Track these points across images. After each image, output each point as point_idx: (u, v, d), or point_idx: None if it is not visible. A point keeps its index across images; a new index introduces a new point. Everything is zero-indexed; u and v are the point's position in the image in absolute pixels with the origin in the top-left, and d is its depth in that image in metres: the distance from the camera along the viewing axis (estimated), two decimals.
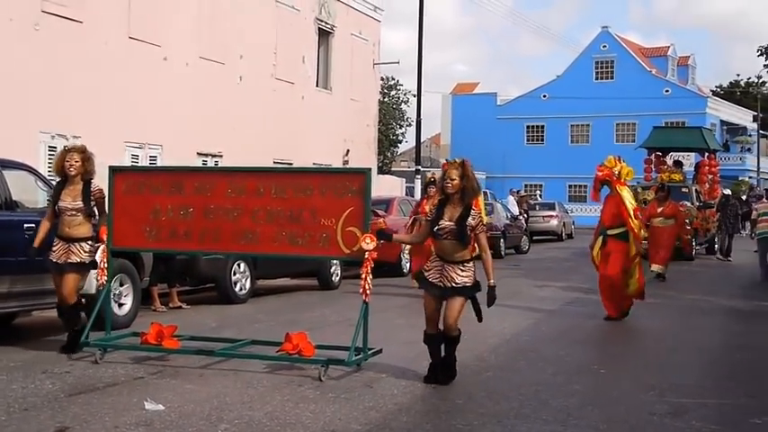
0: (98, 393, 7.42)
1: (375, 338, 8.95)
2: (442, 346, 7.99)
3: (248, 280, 14.28)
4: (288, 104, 25.44)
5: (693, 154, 32.17)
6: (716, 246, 26.61)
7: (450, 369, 8.04)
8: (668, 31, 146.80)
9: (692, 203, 24.92)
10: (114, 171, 9.28)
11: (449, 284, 7.71)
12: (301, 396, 7.34)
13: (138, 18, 19.72)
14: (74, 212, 9.02)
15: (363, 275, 8.26)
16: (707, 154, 29.21)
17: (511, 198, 35.34)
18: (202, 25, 21.82)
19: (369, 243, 8.15)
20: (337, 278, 16.56)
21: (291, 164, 25.65)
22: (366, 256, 8.21)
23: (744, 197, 37.25)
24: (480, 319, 8.06)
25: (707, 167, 28.69)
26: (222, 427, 6.40)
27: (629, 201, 12.32)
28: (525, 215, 31.65)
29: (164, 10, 20.56)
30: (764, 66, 20.43)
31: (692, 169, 30.23)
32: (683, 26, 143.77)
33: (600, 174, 12.37)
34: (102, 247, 9.03)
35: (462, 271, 7.70)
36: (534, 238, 30.11)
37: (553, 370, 8.85)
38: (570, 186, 56.82)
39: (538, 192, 53.00)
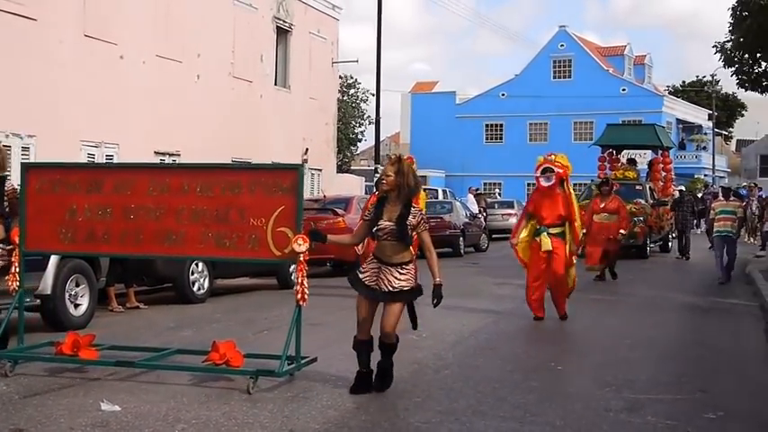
0: (53, 395, 7.34)
1: (321, 343, 8.90)
2: (376, 354, 7.55)
3: (206, 279, 14.21)
4: (246, 103, 25.35)
5: (648, 151, 32.19)
6: (670, 244, 26.59)
7: (387, 376, 7.60)
8: (625, 31, 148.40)
9: (647, 201, 24.76)
10: (27, 167, 8.71)
11: (386, 288, 7.26)
12: (260, 396, 7.30)
13: (94, 16, 19.53)
14: None
15: (299, 279, 7.75)
16: (660, 151, 29.25)
17: (470, 196, 35.48)
18: (159, 23, 21.66)
19: (301, 245, 7.63)
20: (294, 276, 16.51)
21: (250, 161, 25.58)
22: (300, 259, 7.68)
23: (699, 195, 37.73)
24: (415, 326, 7.81)
25: (660, 165, 28.71)
26: (179, 427, 6.36)
27: (575, 200, 12.34)
28: (484, 213, 31.79)
29: (120, 8, 20.39)
30: (720, 61, 20.64)
31: (646, 167, 30.32)
32: (639, 25, 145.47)
33: (561, 171, 12.06)
34: (15, 250, 8.35)
35: (401, 274, 7.26)
36: (493, 236, 30.25)
37: (511, 367, 8.91)
38: (529, 185, 57.06)
39: (497, 190, 53.26)
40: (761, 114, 70.31)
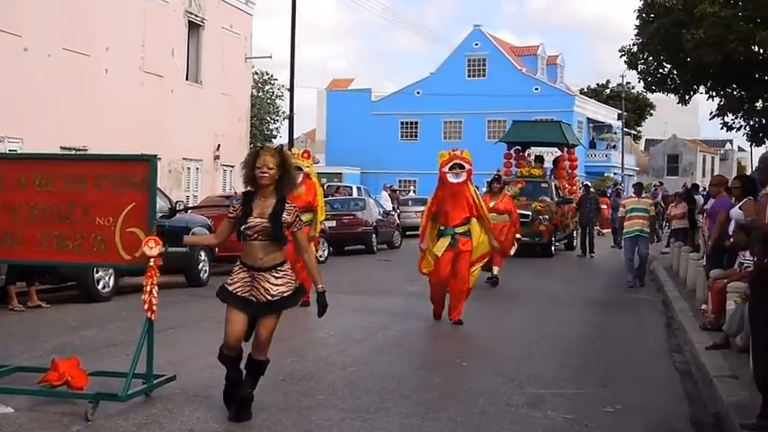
0: None
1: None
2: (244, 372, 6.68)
3: (112, 277, 13.92)
4: (156, 98, 24.95)
5: (554, 149, 32.35)
6: (575, 242, 26.55)
7: (247, 408, 6.57)
8: (540, 30, 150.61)
9: (552, 199, 24.64)
10: None
11: (263, 298, 6.35)
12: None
13: None
14: None
15: (147, 288, 6.83)
16: (566, 149, 29.30)
17: (384, 194, 35.59)
18: (65, 15, 21.16)
19: (152, 247, 6.74)
20: (206, 275, 16.34)
21: (160, 159, 25.20)
22: (150, 264, 6.79)
23: (608, 192, 38.39)
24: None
25: (566, 162, 28.85)
26: (74, 428, 6.23)
27: (480, 197, 11.98)
28: (398, 211, 31.91)
29: None
30: (625, 63, 21.11)
31: (552, 164, 30.07)
32: (554, 25, 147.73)
33: (469, 167, 11.48)
34: None
35: (277, 278, 6.37)
36: (407, 233, 30.38)
37: (417, 364, 8.97)
38: None
39: (412, 187, 53.49)
40: (669, 114, 72.16)
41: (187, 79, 27.05)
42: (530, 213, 22.69)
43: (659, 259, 22.67)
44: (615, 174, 60.07)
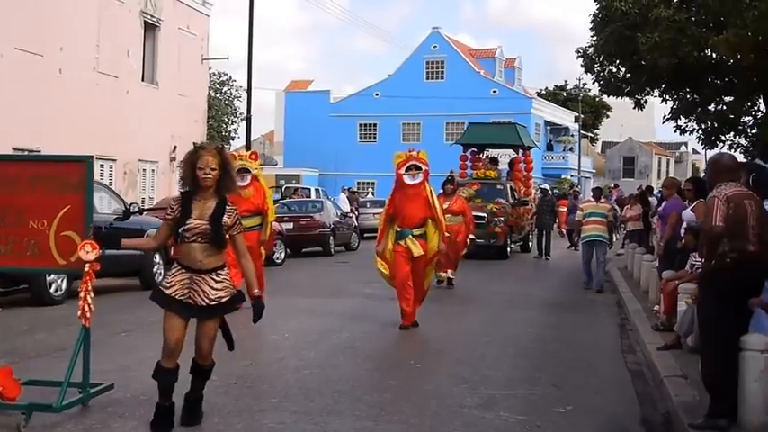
0: None
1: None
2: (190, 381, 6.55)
3: (65, 280, 13.75)
4: (112, 99, 24.72)
5: (510, 151, 32.20)
6: (530, 243, 26.57)
7: (198, 409, 6.54)
8: (498, 33, 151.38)
9: (507, 201, 24.52)
10: None
11: (203, 301, 6.17)
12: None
13: None
14: None
15: (82, 294, 6.60)
16: (522, 151, 29.22)
17: (342, 195, 35.58)
18: (18, 15, 20.90)
19: (88, 252, 6.48)
20: (160, 277, 16.20)
21: (115, 160, 25.03)
22: (86, 269, 6.55)
23: (564, 194, 38.61)
24: (231, 347, 6.77)
25: (521, 164, 28.76)
26: None
27: (436, 197, 11.73)
28: (356, 213, 31.89)
29: None
30: (581, 66, 21.32)
31: (507, 166, 30.00)
32: (512, 28, 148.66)
33: (426, 168, 11.38)
34: None
35: (217, 282, 6.19)
36: (365, 235, 30.36)
37: (370, 366, 8.97)
38: None
39: (370, 189, 53.51)
40: (625, 117, 72.83)
41: (143, 80, 26.85)
42: (485, 215, 22.61)
43: (614, 261, 22.85)
44: (572, 176, 60.54)
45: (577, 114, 64.49)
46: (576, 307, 14.45)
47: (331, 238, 25.35)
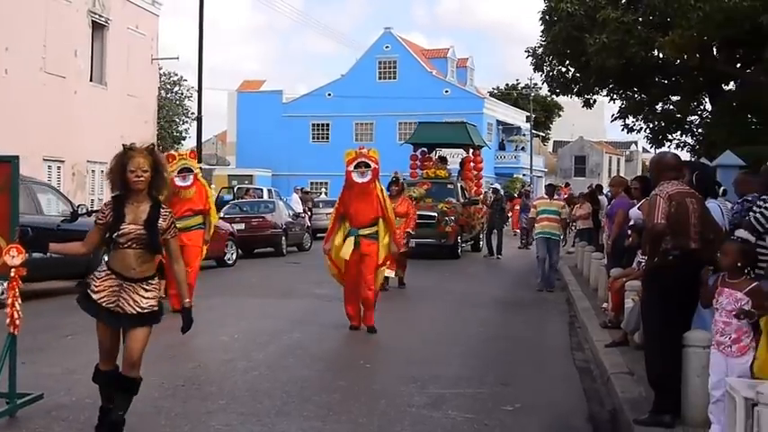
0: None
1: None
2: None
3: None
4: (59, 99, 24.39)
5: (460, 150, 31.47)
6: (481, 243, 26.36)
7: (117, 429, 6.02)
8: (451, 33, 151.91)
9: (458, 200, 24.38)
10: None
11: (132, 310, 5.87)
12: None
13: None
14: None
15: (9, 300, 6.39)
16: (472, 150, 29.08)
17: (295, 196, 35.42)
18: None
19: (15, 256, 6.23)
20: None
21: (63, 161, 24.72)
22: (12, 274, 6.28)
23: (516, 194, 38.94)
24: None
25: (472, 164, 28.65)
26: None
27: (386, 197, 11.52)
28: (309, 213, 31.79)
29: None
30: (531, 65, 21.55)
31: (458, 166, 29.76)
32: (465, 27, 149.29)
33: (375, 166, 11.03)
34: None
35: (147, 291, 5.91)
36: (318, 235, 30.25)
37: (320, 366, 8.94)
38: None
39: (323, 189, 53.42)
40: (576, 116, 73.45)
41: (91, 80, 26.53)
42: (435, 215, 22.56)
43: (565, 259, 23.04)
44: (524, 175, 60.98)
45: (529, 114, 64.96)
46: (526, 305, 14.56)
47: (283, 238, 25.25)
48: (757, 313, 5.25)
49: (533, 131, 66.39)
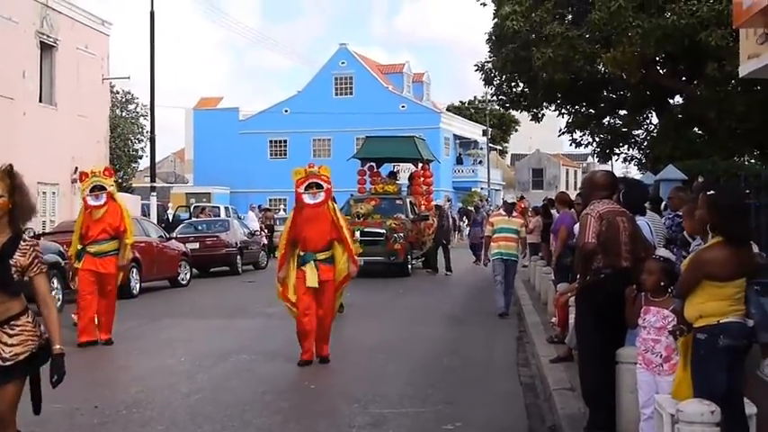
0: None
1: None
2: None
3: None
4: (8, 121, 24.13)
5: (410, 165, 30.52)
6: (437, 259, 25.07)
7: None
8: (409, 47, 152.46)
9: (407, 216, 23.77)
10: None
11: None
12: None
13: None
14: None
15: None
16: (421, 164, 27.99)
17: (251, 213, 35.31)
18: None
19: None
20: (58, 303, 15.87)
21: None
22: None
23: (473, 208, 38.94)
24: (37, 411, 5.15)
25: (421, 178, 27.68)
26: None
27: (342, 215, 10.77)
28: (266, 231, 31.68)
29: None
30: (481, 80, 21.79)
31: (407, 180, 28.87)
32: (422, 43, 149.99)
33: (329, 186, 10.35)
34: None
35: (11, 336, 4.85)
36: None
37: (264, 388, 8.90)
38: None
39: (282, 206, 53.29)
40: (533, 129, 73.79)
41: (41, 101, 26.30)
42: (384, 231, 22.09)
43: (519, 273, 23.09)
44: (482, 188, 61.30)
45: (485, 128, 65.36)
46: (475, 321, 14.52)
47: (238, 257, 25.16)
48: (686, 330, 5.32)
49: (490, 145, 66.88)
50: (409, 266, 23.30)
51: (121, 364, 10.46)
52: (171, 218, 34.99)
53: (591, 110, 21.35)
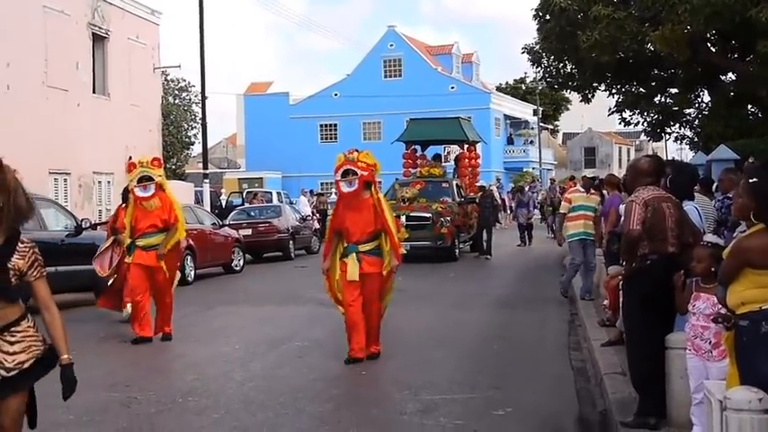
0: None
1: None
2: None
3: None
4: (63, 113, 24.56)
5: (456, 146, 30.52)
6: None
7: None
8: (459, 26, 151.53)
9: (453, 199, 23.37)
10: None
11: None
12: None
13: None
14: None
15: None
16: (467, 146, 27.88)
17: (302, 198, 35.62)
18: None
19: None
20: None
21: (69, 174, 24.94)
22: None
23: (527, 187, 38.67)
24: (33, 424, 4.69)
25: (467, 160, 27.52)
26: None
27: (389, 208, 10.14)
28: (318, 215, 31.92)
29: None
30: (528, 61, 21.57)
31: (453, 163, 28.42)
32: (472, 21, 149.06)
33: (366, 173, 9.70)
34: None
35: (12, 344, 4.48)
36: None
37: (315, 376, 9.01)
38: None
39: (333, 190, 53.47)
40: (585, 107, 72.95)
41: (94, 92, 26.69)
42: (430, 215, 21.81)
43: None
44: (533, 168, 60.93)
45: (536, 107, 64.80)
46: (527, 304, 14.49)
47: (290, 242, 25.44)
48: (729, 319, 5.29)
49: (541, 124, 66.33)
50: (457, 251, 22.87)
51: (178, 352, 10.65)
52: (224, 204, 35.39)
53: (641, 89, 21.10)
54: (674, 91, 20.91)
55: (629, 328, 6.93)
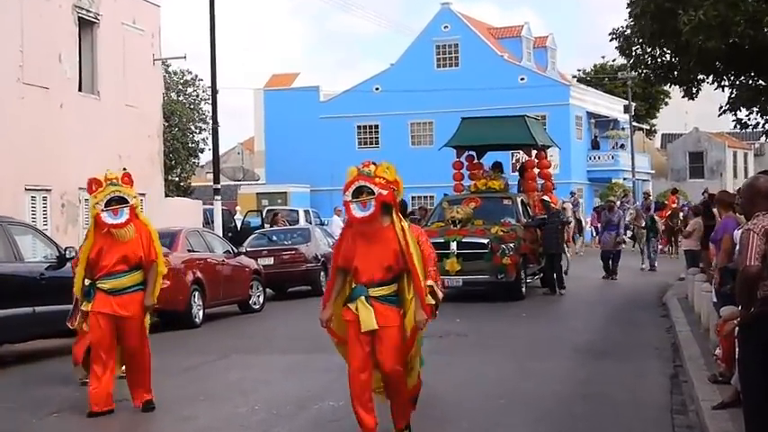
0: None
1: None
2: None
3: None
4: (42, 115, 24.82)
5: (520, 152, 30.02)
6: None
7: None
8: (527, 3, 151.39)
9: (518, 220, 22.96)
10: None
11: None
12: None
13: None
14: None
15: None
16: (535, 152, 26.92)
17: (336, 218, 35.67)
18: None
19: None
20: None
21: (50, 190, 25.17)
22: None
23: (618, 203, 38.25)
24: None
25: (536, 170, 26.72)
26: None
27: (413, 239, 9.02)
28: None
29: None
30: (616, 49, 21.37)
31: (517, 173, 27.82)
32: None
33: (385, 192, 8.77)
34: None
35: None
36: None
37: None
38: (414, 198, 57.66)
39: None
40: (688, 103, 72.39)
41: (80, 90, 26.93)
42: (488, 242, 21.37)
43: (674, 287, 22.78)
44: (625, 179, 60.41)
45: (627, 103, 64.15)
46: (616, 352, 14.49)
47: (321, 273, 25.27)
48: None
49: (635, 124, 65.82)
50: (523, 286, 22.23)
51: (184, 414, 10.72)
52: (239, 226, 35.59)
53: (760, 81, 20.85)
54: None
55: (744, 387, 6.90)
